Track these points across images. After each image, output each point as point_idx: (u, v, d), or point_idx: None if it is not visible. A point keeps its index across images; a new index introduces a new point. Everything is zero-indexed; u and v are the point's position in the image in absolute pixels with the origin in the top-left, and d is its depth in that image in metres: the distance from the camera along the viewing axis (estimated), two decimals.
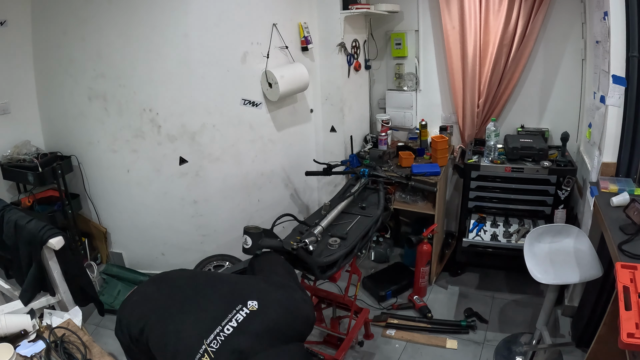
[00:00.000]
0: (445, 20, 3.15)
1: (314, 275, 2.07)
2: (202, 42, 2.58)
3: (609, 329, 1.81)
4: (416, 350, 2.67)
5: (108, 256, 3.24)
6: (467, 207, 3.06)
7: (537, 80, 3.16)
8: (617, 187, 2.18)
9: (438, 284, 3.27)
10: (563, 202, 2.82)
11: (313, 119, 3.30)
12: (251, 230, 1.78)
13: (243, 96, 2.78)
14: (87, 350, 1.61)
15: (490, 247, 2.83)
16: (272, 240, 1.95)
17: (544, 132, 3.18)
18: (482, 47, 3.09)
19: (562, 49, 3.03)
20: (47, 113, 3.09)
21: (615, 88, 2.25)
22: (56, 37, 2.84)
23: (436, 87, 3.47)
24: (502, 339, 2.66)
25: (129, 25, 2.60)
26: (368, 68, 3.56)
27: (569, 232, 2.29)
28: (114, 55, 2.69)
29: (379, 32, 3.51)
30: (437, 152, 3.13)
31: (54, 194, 3.05)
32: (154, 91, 2.68)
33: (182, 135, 2.73)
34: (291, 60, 2.95)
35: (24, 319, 1.68)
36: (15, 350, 1.56)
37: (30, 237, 2.16)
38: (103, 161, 2.98)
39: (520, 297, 3.06)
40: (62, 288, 2.27)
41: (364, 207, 2.46)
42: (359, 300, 2.93)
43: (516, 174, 2.86)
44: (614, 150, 2.32)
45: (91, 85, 2.81)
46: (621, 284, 1.48)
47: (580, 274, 2.04)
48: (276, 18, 2.82)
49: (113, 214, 3.14)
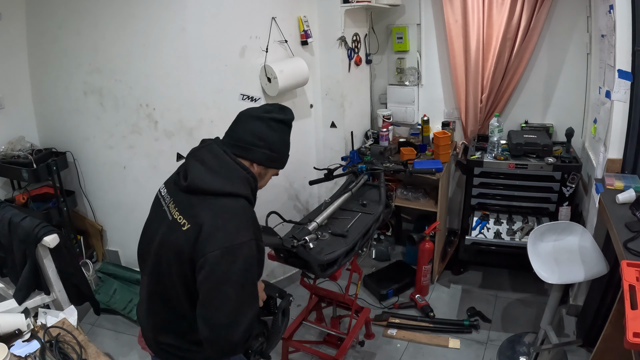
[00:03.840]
0: (448, 14, 3.11)
1: (314, 273, 2.03)
2: (200, 36, 2.54)
3: (614, 328, 1.80)
4: (418, 350, 2.65)
5: (104, 254, 3.22)
6: (469, 204, 3.03)
7: (542, 75, 3.13)
8: (623, 183, 2.16)
9: (440, 283, 3.24)
10: (568, 199, 2.79)
11: (313, 114, 3.26)
12: None
13: (241, 91, 2.75)
14: (82, 350, 1.60)
15: (493, 245, 2.80)
16: (271, 238, 1.93)
17: (548, 127, 3.15)
18: (485, 41, 3.06)
19: (567, 43, 2.99)
20: (42, 108, 3.06)
21: (620, 83, 2.22)
22: (51, 31, 2.81)
23: (438, 82, 3.44)
24: (505, 338, 2.64)
25: (125, 19, 2.57)
26: (369, 62, 3.52)
27: (573, 229, 2.26)
28: (110, 49, 2.66)
29: (380, 25, 3.47)
30: (439, 148, 3.11)
31: (48, 190, 3.03)
32: (150, 86, 2.65)
33: (180, 131, 2.69)
34: (290, 54, 2.91)
35: (18, 318, 1.66)
36: (9, 350, 1.54)
37: (25, 235, 2.15)
38: (99, 157, 2.95)
39: (524, 296, 3.03)
40: (57, 287, 2.27)
41: (364, 204, 2.43)
42: (359, 299, 2.90)
43: (520, 170, 2.83)
44: (620, 146, 2.30)
45: (87, 80, 2.78)
46: (627, 283, 1.46)
47: (586, 272, 2.01)
48: (275, 11, 2.78)
49: (109, 211, 3.11)
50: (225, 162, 1.39)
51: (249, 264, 1.28)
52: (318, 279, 2.51)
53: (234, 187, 1.35)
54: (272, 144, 1.45)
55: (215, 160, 1.39)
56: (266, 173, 1.52)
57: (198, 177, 1.35)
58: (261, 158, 1.45)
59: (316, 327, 2.62)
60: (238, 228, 1.29)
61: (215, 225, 1.27)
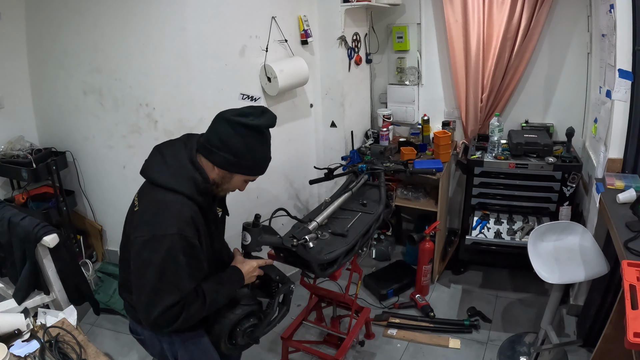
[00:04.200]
0: (448, 13, 3.10)
1: (313, 273, 2.03)
2: (200, 36, 2.53)
3: (615, 328, 1.79)
4: (418, 350, 2.64)
5: (103, 254, 3.22)
6: (470, 204, 3.02)
7: (542, 74, 3.12)
8: (624, 183, 2.15)
9: (440, 283, 3.24)
10: (568, 199, 2.78)
11: (313, 113, 3.26)
12: (250, 227, 1.74)
13: (241, 90, 2.74)
14: (82, 350, 1.59)
15: (493, 245, 2.79)
16: (271, 237, 1.92)
17: (548, 127, 3.15)
18: (485, 40, 3.05)
19: (567, 43, 2.99)
20: (42, 108, 3.06)
21: (621, 82, 2.22)
22: (51, 30, 2.81)
23: (439, 82, 3.43)
24: (506, 338, 2.63)
25: (125, 18, 2.56)
26: (369, 62, 3.52)
27: (574, 229, 2.26)
28: (110, 48, 2.65)
29: (381, 25, 3.46)
30: (439, 148, 3.10)
31: (48, 190, 3.02)
32: (150, 86, 2.64)
33: (179, 130, 2.66)
34: (290, 54, 2.91)
35: (18, 318, 1.65)
36: (9, 350, 1.54)
37: (24, 235, 2.15)
38: (98, 157, 2.95)
39: (525, 296, 3.02)
40: (56, 286, 2.26)
41: (364, 204, 2.42)
42: (359, 299, 2.90)
43: (520, 170, 2.82)
44: (620, 146, 2.29)
45: (86, 80, 2.78)
46: (627, 283, 1.46)
47: (586, 272, 2.01)
48: (275, 11, 2.77)
49: (109, 211, 3.10)
50: (178, 159, 1.49)
51: (172, 255, 1.37)
52: (318, 279, 2.50)
53: (175, 183, 1.44)
54: (234, 149, 1.47)
55: (171, 156, 1.51)
56: (231, 177, 1.55)
57: (149, 168, 1.52)
58: (220, 161, 1.49)
59: (316, 327, 2.62)
60: (165, 221, 1.39)
61: (147, 213, 1.43)
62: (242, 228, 1.74)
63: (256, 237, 1.73)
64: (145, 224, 1.41)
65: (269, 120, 1.52)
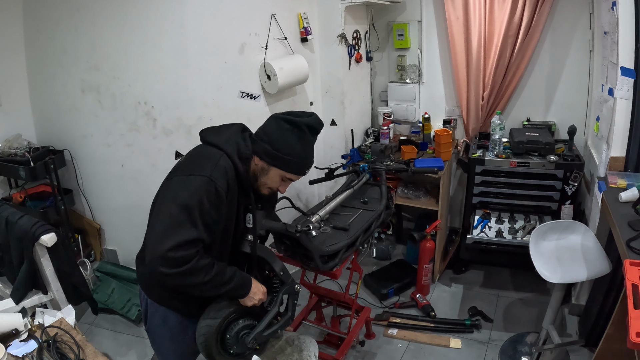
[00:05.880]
0: (449, 11, 3.08)
1: (315, 264, 2.00)
2: (199, 33, 2.52)
3: (617, 328, 1.78)
4: (419, 350, 2.63)
5: (102, 253, 3.21)
6: (471, 203, 3.01)
7: (544, 72, 3.11)
8: (626, 182, 2.14)
9: (441, 282, 3.23)
10: (570, 198, 2.77)
11: (313, 111, 3.25)
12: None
13: (241, 88, 2.73)
14: (80, 350, 1.59)
15: (495, 244, 2.78)
16: (275, 222, 1.92)
17: (550, 125, 3.14)
18: (486, 38, 3.04)
19: (569, 40, 2.97)
20: (39, 106, 3.04)
21: (623, 80, 2.21)
22: (48, 28, 2.79)
23: (439, 80, 3.42)
24: (507, 338, 2.62)
25: (123, 15, 2.55)
26: (369, 60, 3.50)
27: (576, 228, 2.24)
28: (108, 46, 2.64)
29: (381, 22, 3.45)
30: (440, 146, 3.09)
31: (46, 189, 3.01)
32: (149, 84, 2.63)
33: (178, 128, 2.67)
34: (290, 51, 2.90)
35: (16, 318, 1.65)
36: (7, 350, 1.53)
37: (22, 234, 2.14)
38: (97, 155, 2.94)
39: (526, 296, 3.01)
40: (54, 286, 2.25)
41: (365, 202, 2.41)
42: (360, 299, 2.89)
43: (522, 168, 2.81)
44: (623, 144, 2.29)
45: (84, 78, 2.77)
46: (630, 282, 1.45)
47: (588, 271, 2.00)
48: (275, 8, 2.76)
49: (107, 209, 3.10)
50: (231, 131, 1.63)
51: (199, 193, 1.44)
52: (318, 278, 2.49)
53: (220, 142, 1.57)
54: (273, 140, 1.58)
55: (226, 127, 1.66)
56: (269, 170, 1.61)
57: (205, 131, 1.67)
58: (259, 150, 1.59)
59: (316, 327, 2.61)
60: (203, 166, 1.50)
61: (188, 159, 1.59)
62: (244, 210, 1.72)
63: (260, 220, 1.71)
64: (185, 167, 1.54)
65: (312, 121, 1.63)
